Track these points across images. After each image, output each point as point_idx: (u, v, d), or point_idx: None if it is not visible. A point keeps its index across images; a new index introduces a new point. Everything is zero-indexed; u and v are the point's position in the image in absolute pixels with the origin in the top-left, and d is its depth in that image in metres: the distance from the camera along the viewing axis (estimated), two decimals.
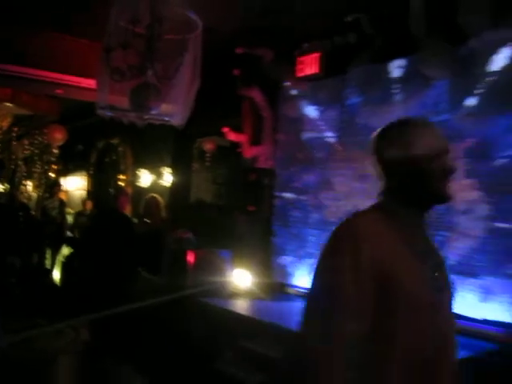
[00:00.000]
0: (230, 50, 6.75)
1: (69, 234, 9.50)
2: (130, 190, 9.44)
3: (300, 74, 6.55)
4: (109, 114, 4.80)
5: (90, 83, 6.34)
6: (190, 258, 6.46)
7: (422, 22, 5.11)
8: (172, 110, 4.90)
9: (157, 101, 4.65)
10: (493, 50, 4.72)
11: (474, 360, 4.05)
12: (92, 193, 11.41)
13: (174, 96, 4.71)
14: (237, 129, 7.18)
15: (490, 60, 4.73)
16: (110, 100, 4.84)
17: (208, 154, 8.49)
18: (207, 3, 4.99)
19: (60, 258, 9.11)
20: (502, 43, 4.64)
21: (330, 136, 6.48)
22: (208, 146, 8.40)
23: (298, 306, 6.06)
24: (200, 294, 5.88)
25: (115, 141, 10.87)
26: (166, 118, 4.90)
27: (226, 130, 7.10)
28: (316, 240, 6.54)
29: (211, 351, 5.02)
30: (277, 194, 7.05)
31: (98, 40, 4.94)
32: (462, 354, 4.14)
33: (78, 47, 6.97)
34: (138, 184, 9.80)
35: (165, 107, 4.98)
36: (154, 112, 4.76)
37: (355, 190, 6.13)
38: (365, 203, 5.81)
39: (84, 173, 12.07)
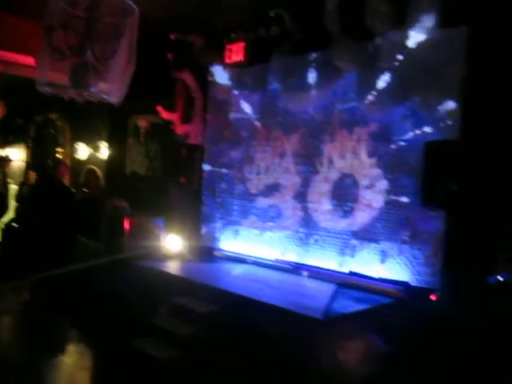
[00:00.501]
0: (164, 35, 6.64)
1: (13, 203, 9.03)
2: (68, 162, 9.13)
3: (228, 61, 6.56)
4: (48, 90, 4.60)
5: (29, 60, 6.02)
6: (126, 224, 6.40)
7: (336, 21, 5.25)
8: (109, 89, 4.76)
9: (95, 79, 4.51)
10: (394, 47, 4.95)
11: (371, 311, 4.37)
12: (31, 164, 10.90)
13: (111, 76, 4.58)
14: (169, 108, 7.12)
15: (391, 56, 4.96)
16: (49, 77, 4.63)
17: (142, 130, 8.33)
18: None
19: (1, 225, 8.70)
20: (401, 42, 4.86)
21: (253, 117, 6.58)
22: (142, 122, 8.24)
23: (224, 266, 6.21)
24: (136, 258, 5.86)
25: (54, 116, 10.40)
26: (104, 96, 4.76)
27: (159, 108, 7.03)
28: (239, 209, 6.68)
29: (147, 308, 5.03)
30: (205, 167, 7.12)
31: (37, 19, 4.69)
32: (361, 306, 4.46)
33: (17, 25, 6.58)
34: (76, 157, 9.47)
35: (103, 86, 4.84)
36: (92, 90, 4.61)
37: (274, 165, 6.31)
38: (283, 177, 6.00)
39: (23, 145, 11.49)
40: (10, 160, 10.04)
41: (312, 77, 5.73)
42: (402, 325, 4.08)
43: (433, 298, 4.36)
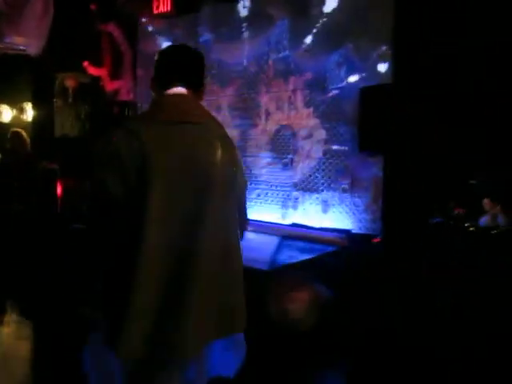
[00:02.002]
0: None
1: None
2: None
3: (156, 11, 6.06)
4: None
5: None
6: (58, 188, 5.92)
7: None
8: (26, 40, 4.23)
9: (9, 29, 3.97)
10: None
11: (315, 260, 4.26)
12: None
13: (26, 24, 4.06)
14: (97, 63, 6.53)
15: (322, 2, 4.72)
16: None
17: (70, 90, 7.66)
18: None
19: None
20: None
21: None
22: (70, 82, 7.55)
23: None
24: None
25: None
26: (21, 47, 4.22)
27: (85, 64, 6.42)
28: None
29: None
30: None
31: None
32: (305, 256, 4.35)
33: None
34: None
35: (19, 37, 4.29)
36: (7, 40, 4.06)
37: None
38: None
39: None
40: None
41: (244, 26, 5.39)
42: (345, 271, 4.03)
43: (375, 241, 4.32)
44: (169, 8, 5.96)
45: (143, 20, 6.20)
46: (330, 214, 4.92)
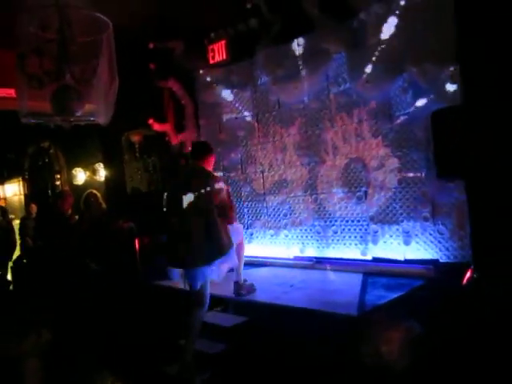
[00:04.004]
0: (143, 45, 6.34)
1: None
2: (67, 189, 8.83)
3: (212, 62, 6.25)
4: (32, 121, 4.30)
5: (10, 92, 5.70)
6: (136, 245, 6.10)
7: (314, 2, 4.97)
8: (96, 110, 4.46)
9: (79, 102, 4.19)
10: (379, 20, 4.63)
11: (404, 298, 4.06)
12: (30, 196, 10.57)
13: (95, 96, 4.26)
14: (160, 119, 6.80)
15: (378, 29, 4.65)
16: (32, 106, 4.31)
17: (137, 145, 8.02)
18: (113, 3, 4.53)
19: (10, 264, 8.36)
20: (387, 14, 4.55)
21: (247, 115, 6.26)
22: (135, 138, 7.93)
23: (244, 273, 5.91)
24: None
25: (45, 144, 10.08)
26: (92, 118, 4.46)
27: (150, 121, 6.70)
28: (250, 211, 6.37)
29: (172, 330, 4.72)
30: None
31: (14, 49, 4.36)
32: (394, 294, 4.16)
33: None
34: (74, 182, 9.15)
35: (88, 108, 4.53)
36: (78, 114, 4.29)
37: (278, 161, 5.99)
38: (288, 172, 5.65)
39: (19, 178, 11.17)
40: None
41: (300, 64, 5.41)
42: (438, 305, 3.80)
43: (467, 273, 4.05)
44: (224, 56, 6.14)
45: (201, 71, 6.40)
46: (412, 245, 4.72)
